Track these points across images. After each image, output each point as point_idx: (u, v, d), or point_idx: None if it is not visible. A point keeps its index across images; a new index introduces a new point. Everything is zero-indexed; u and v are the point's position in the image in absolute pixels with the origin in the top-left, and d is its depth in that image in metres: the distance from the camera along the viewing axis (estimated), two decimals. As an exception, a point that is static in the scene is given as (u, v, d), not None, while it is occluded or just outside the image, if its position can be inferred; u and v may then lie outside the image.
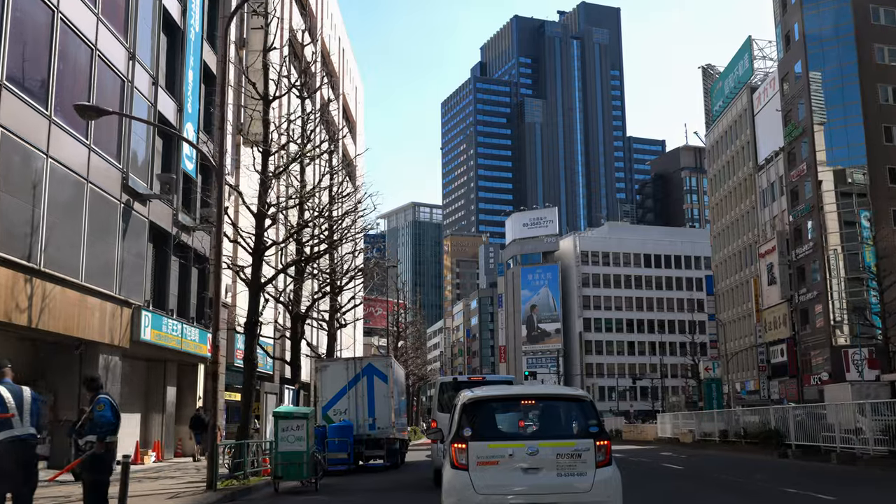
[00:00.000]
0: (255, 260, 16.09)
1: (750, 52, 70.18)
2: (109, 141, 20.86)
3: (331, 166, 24.00)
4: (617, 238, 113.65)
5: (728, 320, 73.86)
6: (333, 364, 21.80)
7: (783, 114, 61.09)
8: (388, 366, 21.37)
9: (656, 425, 43.78)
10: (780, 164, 62.43)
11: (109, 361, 20.44)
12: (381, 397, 20.92)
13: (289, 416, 14.02)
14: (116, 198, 20.83)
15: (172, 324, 24.06)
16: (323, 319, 26.57)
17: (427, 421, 42.96)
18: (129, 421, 23.91)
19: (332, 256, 24.65)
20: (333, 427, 19.84)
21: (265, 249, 16.17)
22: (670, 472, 18.96)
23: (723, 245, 76.88)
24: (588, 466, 7.51)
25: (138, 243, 22.34)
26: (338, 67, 55.00)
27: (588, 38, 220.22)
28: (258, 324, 16.19)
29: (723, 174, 76.75)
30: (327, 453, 18.61)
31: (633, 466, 20.77)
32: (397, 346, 56.19)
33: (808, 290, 57.20)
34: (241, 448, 15.20)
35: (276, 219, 16.83)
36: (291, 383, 21.59)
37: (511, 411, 8.22)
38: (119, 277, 20.91)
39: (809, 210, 56.69)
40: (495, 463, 7.52)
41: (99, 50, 19.77)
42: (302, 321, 21.63)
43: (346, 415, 20.75)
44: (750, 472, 18.00)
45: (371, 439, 20.87)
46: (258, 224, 16.21)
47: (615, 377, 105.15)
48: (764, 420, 24.97)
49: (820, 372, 54.52)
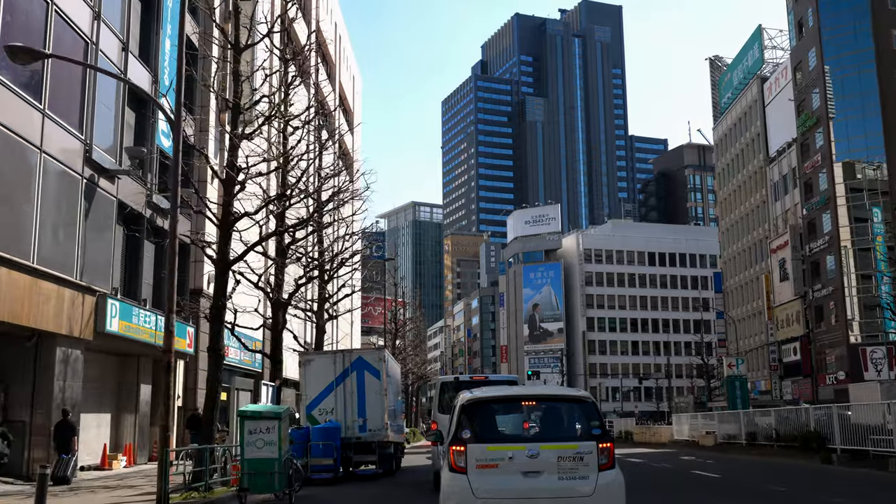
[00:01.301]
0: (221, 233, 13.89)
1: (760, 42, 68.04)
2: (70, 109, 18.69)
3: (319, 141, 21.45)
4: (621, 236, 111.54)
5: (737, 318, 71.59)
6: (319, 357, 19.44)
7: (796, 104, 58.88)
8: (381, 359, 18.98)
9: (671, 427, 41.29)
10: (792, 155, 60.24)
11: (69, 355, 18.26)
12: (373, 395, 18.57)
13: (256, 417, 11.74)
14: (77, 172, 18.66)
15: (145, 315, 21.84)
16: (311, 310, 24.07)
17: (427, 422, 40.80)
18: (97, 421, 21.75)
19: (321, 239, 22.21)
20: (318, 429, 17.49)
21: (234, 221, 13.90)
22: (706, 482, 16.58)
23: (732, 241, 74.63)
24: (591, 470, 7.31)
25: (105, 224, 20.14)
26: (334, 55, 52.89)
27: (590, 37, 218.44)
28: (224, 308, 13.94)
29: (731, 168, 74.53)
30: (310, 459, 16.35)
31: (660, 474, 18.51)
32: (395, 344, 53.93)
33: (822, 285, 54.99)
34: (202, 454, 12.92)
35: (245, 185, 14.49)
36: (272, 380, 19.15)
37: (511, 413, 8.05)
38: (81, 261, 18.73)
39: (825, 202, 54.47)
40: (495, 466, 7.31)
41: (55, 3, 17.60)
42: (283, 309, 19.18)
43: (333, 415, 18.41)
44: (801, 482, 15.75)
45: (361, 443, 18.53)
46: (226, 192, 13.96)
47: (619, 377, 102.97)
48: (801, 421, 22.62)
49: (836, 371, 52.35)
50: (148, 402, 24.13)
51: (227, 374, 29.90)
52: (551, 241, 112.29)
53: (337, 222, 21.56)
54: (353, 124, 61.63)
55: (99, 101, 19.77)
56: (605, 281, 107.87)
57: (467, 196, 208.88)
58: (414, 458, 29.69)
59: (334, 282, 24.13)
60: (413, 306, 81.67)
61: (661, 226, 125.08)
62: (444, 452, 7.79)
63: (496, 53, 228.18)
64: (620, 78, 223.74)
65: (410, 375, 65.46)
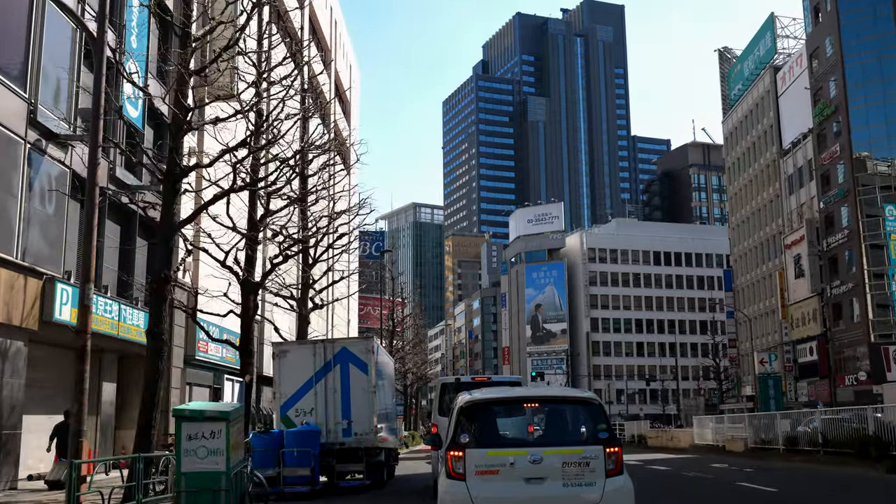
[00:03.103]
0: (165, 187, 11.32)
1: (773, 30, 65.49)
2: (11, 62, 16.18)
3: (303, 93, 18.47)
4: (625, 235, 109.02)
5: (749, 318, 68.93)
6: (296, 349, 16.62)
7: (812, 92, 56.32)
8: (370, 350, 16.14)
9: (690, 430, 38.29)
10: (808, 146, 57.68)
11: (7, 347, 15.72)
12: (360, 393, 15.89)
13: (197, 418, 9.15)
14: (19, 135, 16.13)
15: (106, 303, 19.28)
16: (292, 297, 21.25)
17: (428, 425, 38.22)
18: (50, 424, 19.18)
19: (305, 214, 19.33)
20: (293, 433, 14.87)
21: (182, 174, 11.26)
22: (764, 499, 13.54)
23: (742, 237, 72.00)
24: (597, 476, 6.98)
25: (55, 199, 17.61)
26: (329, 40, 50.45)
27: (592, 36, 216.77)
28: (168, 282, 11.31)
29: (742, 162, 71.93)
30: (283, 469, 13.76)
31: (700, 486, 15.72)
32: (392, 343, 51.32)
33: (841, 282, 52.40)
34: (135, 464, 10.32)
35: (195, 127, 11.90)
36: (243, 375, 16.47)
37: (513, 415, 7.73)
38: (22, 239, 16.20)
39: (843, 195, 51.89)
40: (495, 472, 6.99)
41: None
42: (255, 292, 16.44)
43: (313, 416, 15.75)
44: (884, 499, 13.05)
45: (345, 449, 15.81)
46: (173, 137, 11.33)
47: (624, 379, 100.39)
48: (856, 425, 19.88)
49: (856, 371, 49.78)
50: (112, 402, 21.61)
51: (213, 373, 27.37)
52: (554, 239, 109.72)
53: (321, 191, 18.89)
54: (350, 115, 59.16)
55: (48, 55, 17.25)
56: (610, 281, 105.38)
57: (468, 197, 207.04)
58: (412, 464, 27.16)
59: (322, 267, 21.32)
60: (412, 301, 79.00)
61: (667, 224, 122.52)
62: (442, 458, 7.40)
63: (497, 53, 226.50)
64: (623, 78, 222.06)
65: (410, 376, 62.84)
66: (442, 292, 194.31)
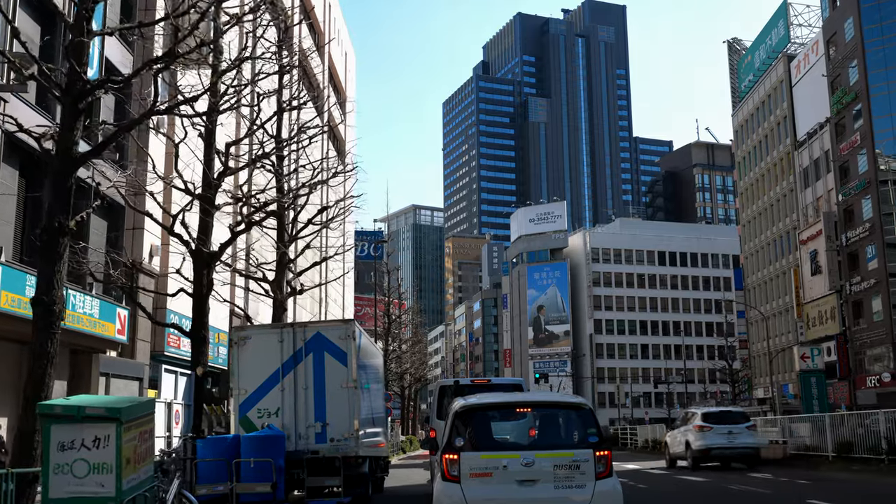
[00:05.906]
0: (64, 113, 8.58)
1: (786, 18, 62.88)
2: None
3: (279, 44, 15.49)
4: (630, 234, 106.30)
5: (761, 317, 66.18)
6: (259, 334, 13.46)
7: (830, 80, 53.61)
8: (349, 336, 13.17)
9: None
10: (825, 137, 54.96)
11: None
12: (338, 388, 12.96)
13: (71, 418, 6.33)
14: (-72, 79, 13.41)
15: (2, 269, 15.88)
16: (263, 279, 18.20)
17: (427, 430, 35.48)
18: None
19: (281, 184, 16.27)
20: (250, 438, 12.02)
21: (88, 92, 8.37)
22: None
23: (754, 234, 69.21)
24: (587, 478, 7.15)
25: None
26: (322, 23, 47.82)
27: (593, 37, 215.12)
28: (62, 235, 8.44)
29: (753, 155, 69.17)
30: (237, 484, 10.97)
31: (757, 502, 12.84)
32: (387, 341, 48.59)
33: (862, 278, 49.65)
34: (5, 484, 7.49)
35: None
36: (194, 366, 13.55)
37: (506, 420, 7.96)
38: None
39: (864, 186, 49.16)
40: (489, 475, 7.17)
41: None
42: (209, 267, 13.45)
43: (279, 418, 12.90)
44: None
45: (319, 459, 12.86)
46: (73, 53, 8.43)
47: (628, 382, 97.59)
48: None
49: (879, 372, 47.07)
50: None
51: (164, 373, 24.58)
52: (557, 239, 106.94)
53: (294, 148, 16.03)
54: (345, 105, 56.51)
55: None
56: (614, 281, 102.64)
57: (469, 199, 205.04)
58: (406, 473, 24.44)
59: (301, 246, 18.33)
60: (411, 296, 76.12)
61: (672, 224, 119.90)
62: (438, 461, 7.62)
63: (498, 53, 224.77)
64: (624, 79, 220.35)
65: (407, 376, 60.01)
66: (442, 296, 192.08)
